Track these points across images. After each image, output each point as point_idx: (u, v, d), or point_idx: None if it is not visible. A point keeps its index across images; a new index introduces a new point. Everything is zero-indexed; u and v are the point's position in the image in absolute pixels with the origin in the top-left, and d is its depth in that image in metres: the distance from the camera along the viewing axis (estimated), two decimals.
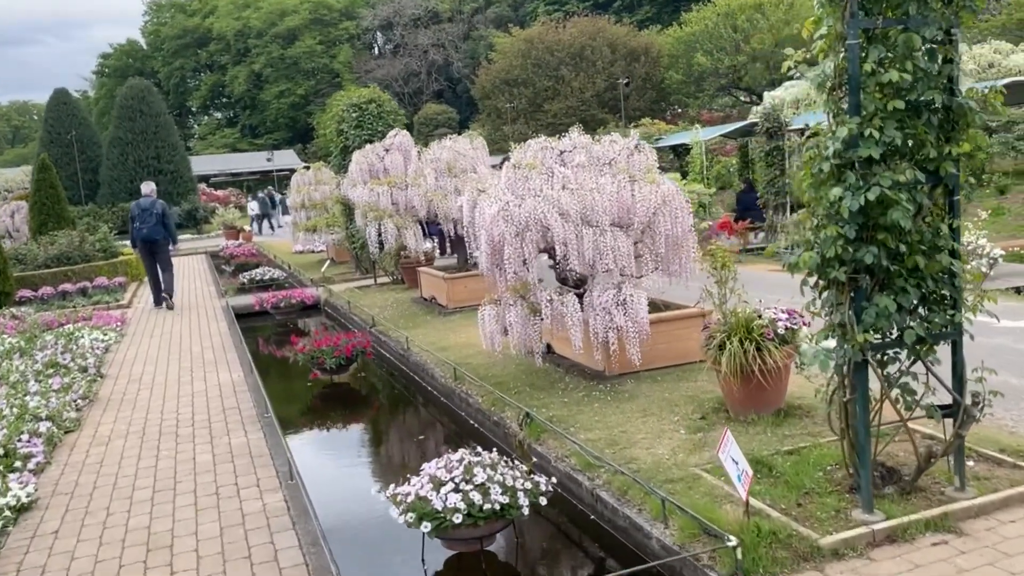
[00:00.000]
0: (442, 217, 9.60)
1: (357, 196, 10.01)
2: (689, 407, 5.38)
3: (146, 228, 12.12)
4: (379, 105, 13.34)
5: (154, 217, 12.14)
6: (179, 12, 79.45)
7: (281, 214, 39.17)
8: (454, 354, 7.93)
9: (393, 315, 10.64)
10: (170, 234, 12.38)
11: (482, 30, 72.32)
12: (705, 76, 40.17)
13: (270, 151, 64.89)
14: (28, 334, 9.85)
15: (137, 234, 12.29)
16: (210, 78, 78.30)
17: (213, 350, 9.36)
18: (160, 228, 12.08)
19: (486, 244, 5.96)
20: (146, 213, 12.16)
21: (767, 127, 14.22)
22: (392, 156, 10.47)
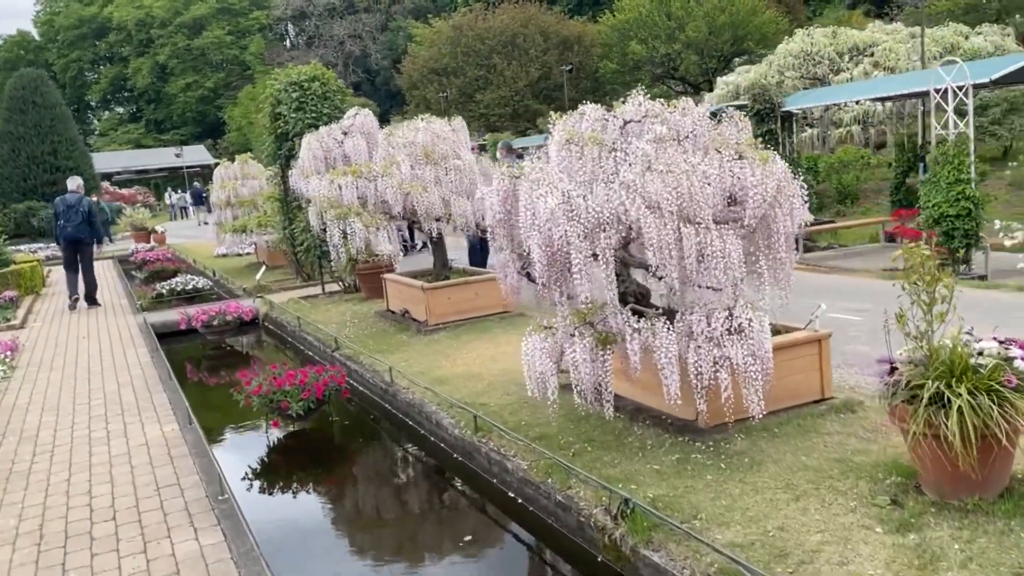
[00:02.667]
0: (422, 213, 7.79)
1: (312, 189, 8.08)
2: (854, 480, 3.78)
3: (71, 227, 11.61)
4: (323, 84, 11.36)
5: (80, 215, 11.62)
6: (74, 1, 74.26)
7: (206, 211, 36.68)
8: (458, 390, 6.16)
9: (358, 334, 8.75)
10: (96, 233, 11.95)
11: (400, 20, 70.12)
12: (640, 65, 39.10)
13: (179, 147, 61.03)
14: None
15: (61, 232, 11.78)
16: (110, 71, 73.54)
17: (134, 389, 7.31)
18: (85, 227, 11.60)
19: (541, 250, 4.22)
20: (71, 211, 11.60)
21: (757, 109, 12.86)
22: (353, 140, 8.58)
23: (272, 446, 6.52)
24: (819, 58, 20.80)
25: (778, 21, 38.42)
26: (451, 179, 8.00)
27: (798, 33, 23.09)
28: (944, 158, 9.50)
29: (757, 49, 37.19)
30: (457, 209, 7.81)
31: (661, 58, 38.36)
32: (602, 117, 4.70)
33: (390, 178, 7.78)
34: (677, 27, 37.43)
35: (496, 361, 6.88)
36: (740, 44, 37.32)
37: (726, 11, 36.85)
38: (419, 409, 6.11)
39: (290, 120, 11.27)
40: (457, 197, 7.90)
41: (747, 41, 37.14)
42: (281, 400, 6.06)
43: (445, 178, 8.00)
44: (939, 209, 9.43)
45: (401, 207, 7.84)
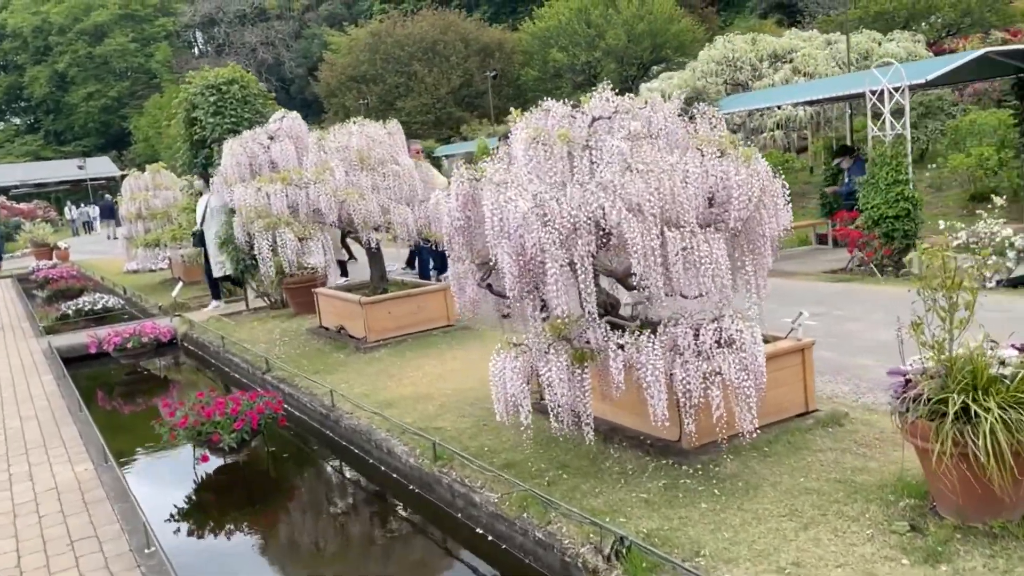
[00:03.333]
0: (359, 223, 7.25)
1: (237, 198, 7.45)
2: (863, 504, 3.47)
3: None
4: (243, 87, 10.66)
5: None
6: None
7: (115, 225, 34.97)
8: (408, 413, 5.67)
9: (290, 354, 8.13)
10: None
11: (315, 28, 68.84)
12: (562, 72, 39.17)
13: (81, 158, 58.19)
14: None
15: None
16: (4, 79, 69.65)
17: (39, 423, 6.54)
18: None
19: (511, 259, 3.80)
20: None
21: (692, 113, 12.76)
22: (281, 145, 7.96)
23: (202, 483, 5.87)
24: (740, 64, 21.05)
25: (694, 29, 39.10)
26: (389, 186, 7.51)
27: (719, 40, 23.37)
28: (882, 159, 9.52)
29: (675, 57, 37.77)
30: (397, 217, 7.32)
31: (582, 66, 38.51)
32: (568, 114, 4.31)
33: (323, 185, 7.23)
34: (597, 35, 37.64)
35: (445, 380, 6.42)
36: (659, 52, 37.78)
37: (644, 19, 37.26)
38: (367, 436, 5.59)
39: (207, 125, 10.53)
40: (397, 205, 7.41)
41: (665, 49, 37.63)
42: (211, 433, 5.44)
43: (383, 184, 7.50)
44: (879, 210, 9.43)
45: (336, 216, 7.30)
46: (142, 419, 7.64)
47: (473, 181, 4.31)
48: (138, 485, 5.42)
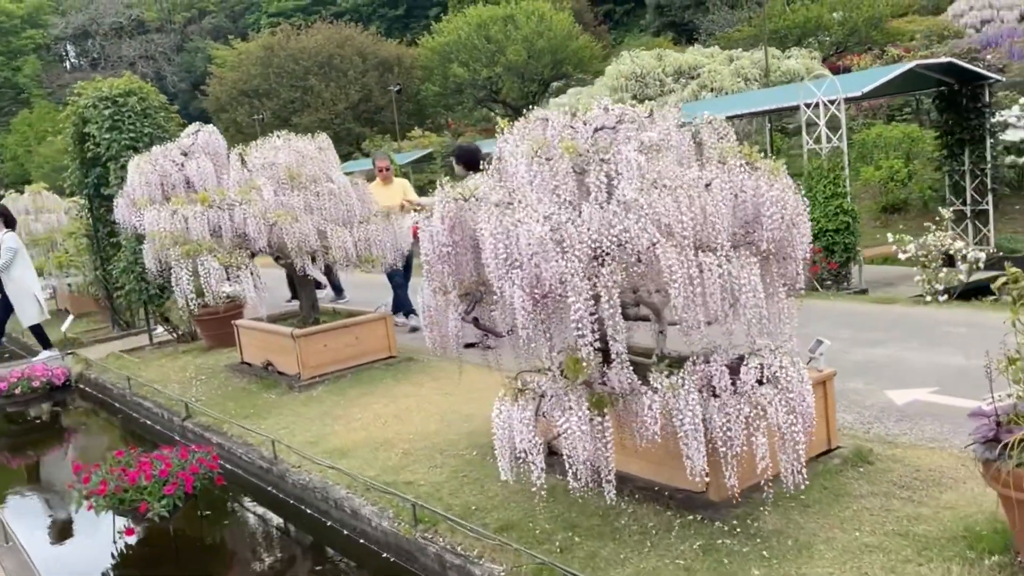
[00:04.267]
0: (293, 248, 6.50)
1: (149, 223, 6.56)
2: (940, 562, 3.06)
3: None
4: (142, 99, 9.65)
5: None
6: None
7: None
8: (369, 464, 5.00)
9: (212, 395, 7.25)
10: None
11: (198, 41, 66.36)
12: (463, 88, 38.76)
13: None
14: None
15: None
16: None
17: None
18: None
19: (524, 292, 3.23)
20: None
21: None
22: (197, 162, 7.10)
23: (125, 559, 4.99)
24: (648, 79, 21.18)
25: (592, 46, 39.53)
26: (324, 206, 6.79)
27: (625, 55, 23.54)
28: (819, 172, 9.46)
29: (575, 73, 38.02)
30: (336, 241, 6.61)
31: (483, 81, 38.22)
32: (567, 124, 3.78)
33: (250, 206, 6.45)
34: (497, 50, 37.46)
35: (402, 422, 5.76)
36: (559, 68, 37.92)
37: (544, 36, 37.36)
38: (322, 494, 4.86)
39: (102, 142, 9.48)
40: (334, 227, 6.70)
41: (566, 65, 37.82)
42: (137, 501, 4.60)
43: (317, 204, 6.78)
44: (818, 224, 9.35)
45: (266, 241, 6.52)
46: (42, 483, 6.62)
47: (460, 200, 3.72)
48: (47, 571, 4.52)
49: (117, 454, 5.04)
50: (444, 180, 3.91)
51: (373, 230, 6.88)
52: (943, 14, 31.50)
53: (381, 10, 57.63)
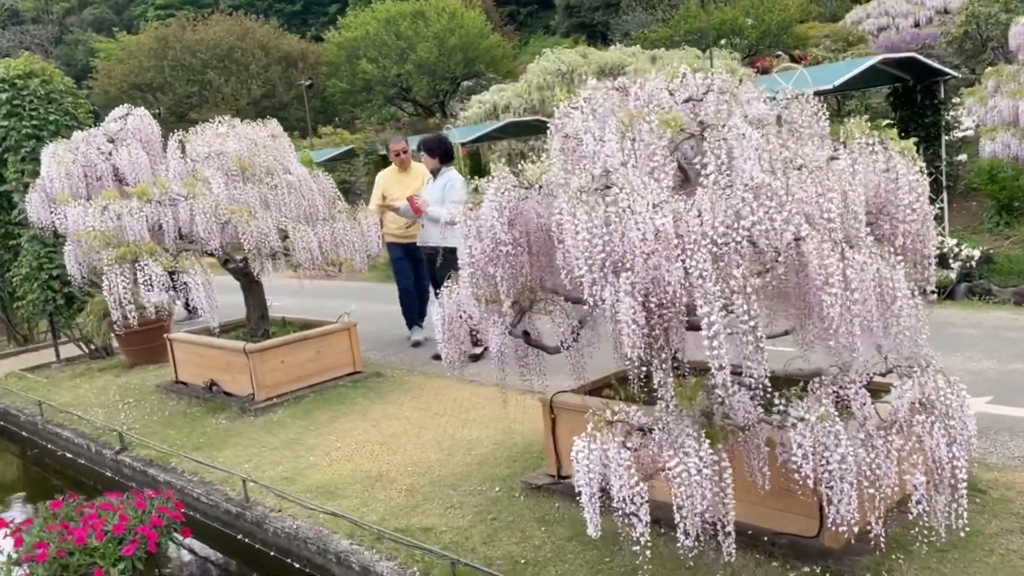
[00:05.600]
0: (251, 248, 5.59)
1: (73, 221, 5.51)
2: None
3: None
4: (46, 81, 8.40)
5: None
6: None
7: None
8: (368, 505, 4.21)
9: (146, 422, 6.22)
10: None
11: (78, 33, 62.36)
12: (372, 85, 37.53)
13: None
14: None
15: None
16: None
17: None
18: None
19: (634, 301, 2.55)
20: None
21: None
22: (128, 150, 6.03)
23: None
24: (576, 76, 20.77)
25: (504, 45, 39.06)
26: (283, 201, 5.90)
27: (548, 52, 23.08)
28: None
29: (488, 72, 37.42)
30: (299, 241, 5.73)
31: (393, 79, 37.11)
32: (656, 91, 3.12)
33: (198, 201, 5.50)
34: (408, 47, 36.45)
35: (393, 451, 4.96)
36: (471, 67, 37.23)
37: (455, 33, 36.60)
38: (317, 545, 4.02)
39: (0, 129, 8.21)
40: (296, 224, 5.81)
41: (478, 64, 37.16)
42: (87, 567, 3.66)
43: (275, 199, 5.89)
44: None
45: (219, 241, 5.58)
46: None
47: (523, 188, 3.01)
48: None
49: (52, 504, 4.06)
50: (497, 164, 3.18)
51: (340, 229, 6.03)
52: (840, 21, 32.56)
53: (278, 4, 55.52)
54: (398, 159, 7.51)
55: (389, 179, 7.57)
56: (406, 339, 7.68)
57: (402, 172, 7.54)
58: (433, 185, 6.89)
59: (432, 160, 6.79)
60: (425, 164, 6.96)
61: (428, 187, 6.93)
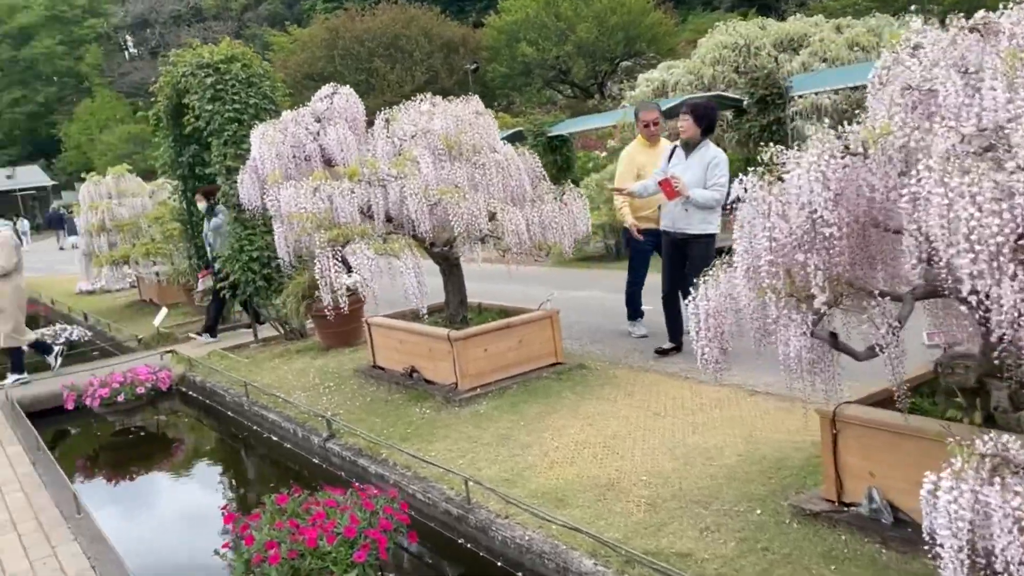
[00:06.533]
0: (460, 230, 5.29)
1: (285, 202, 5.40)
2: None
3: None
4: (246, 66, 8.55)
5: None
6: None
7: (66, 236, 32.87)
8: (602, 517, 3.77)
9: (349, 408, 6.10)
10: None
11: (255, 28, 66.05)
12: (531, 68, 37.39)
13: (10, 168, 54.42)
14: None
15: None
16: None
17: (20, 540, 4.41)
18: None
19: None
20: None
21: (761, 94, 11.12)
22: (336, 130, 5.92)
23: None
24: (756, 49, 19.56)
25: (666, 22, 37.78)
26: (491, 180, 5.56)
27: (720, 26, 21.92)
28: None
29: (648, 51, 36.36)
30: (509, 223, 5.37)
31: (552, 61, 36.80)
32: None
33: (410, 181, 5.25)
34: (567, 28, 35.98)
35: (618, 454, 4.50)
36: (632, 46, 36.29)
37: (617, 12, 35.74)
38: (556, 562, 3.61)
39: (203, 114, 8.40)
40: (504, 205, 5.46)
41: (639, 42, 36.16)
42: (321, 574, 3.43)
43: (482, 179, 5.55)
44: None
45: (428, 223, 5.31)
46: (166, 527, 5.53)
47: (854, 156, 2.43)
48: None
49: (279, 499, 3.88)
50: None
51: (548, 211, 5.63)
52: None
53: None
54: (647, 131, 6.69)
55: (639, 154, 6.73)
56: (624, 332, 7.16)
57: (652, 147, 6.72)
58: (687, 162, 5.84)
59: (693, 128, 5.79)
60: (684, 131, 5.90)
61: (678, 163, 5.92)
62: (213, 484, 6.23)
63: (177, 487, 6.19)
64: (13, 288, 8.13)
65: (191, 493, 6.04)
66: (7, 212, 46.63)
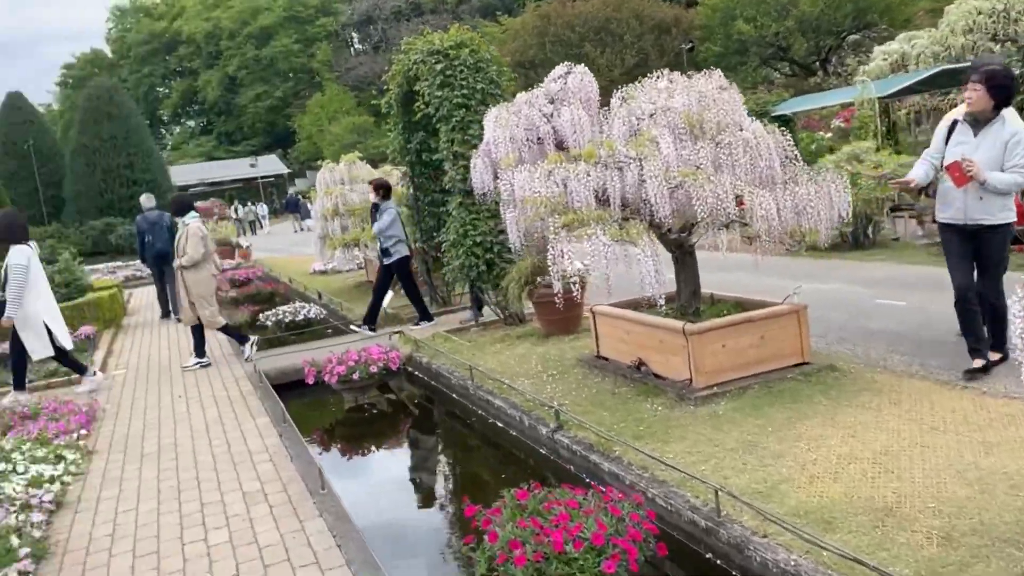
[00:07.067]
0: (704, 215, 4.89)
1: (519, 186, 5.26)
2: None
3: (159, 243, 11.94)
4: (474, 51, 8.59)
5: (166, 231, 11.87)
6: (145, 16, 74.36)
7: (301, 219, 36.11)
8: (883, 548, 3.27)
9: (575, 399, 5.89)
10: None
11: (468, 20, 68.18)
12: (747, 47, 35.62)
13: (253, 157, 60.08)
14: None
15: (150, 251, 12.17)
16: (181, 84, 73.35)
17: (271, 511, 4.59)
18: (171, 242, 10.33)
19: None
20: (156, 227, 12.05)
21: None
22: (570, 112, 5.72)
23: None
24: (1018, 15, 17.26)
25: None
26: (738, 161, 5.10)
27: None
28: None
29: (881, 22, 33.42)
30: (759, 208, 4.89)
31: (771, 38, 34.81)
32: None
33: (649, 162, 4.91)
34: (789, 2, 33.84)
35: (893, 474, 3.93)
36: (862, 17, 33.51)
37: None
38: None
39: (432, 100, 8.53)
40: (752, 188, 4.99)
41: (871, 13, 33.29)
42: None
43: (727, 159, 5.11)
44: None
45: (668, 207, 4.95)
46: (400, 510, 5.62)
47: None
48: None
49: (520, 495, 3.72)
50: None
51: (802, 194, 5.07)
52: None
53: None
54: None
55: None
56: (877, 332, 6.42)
57: None
58: (975, 140, 5.04)
59: (986, 100, 4.90)
60: (972, 103, 4.98)
61: (963, 142, 5.10)
62: (443, 468, 6.28)
63: (408, 469, 6.30)
64: (205, 277, 8.67)
65: (422, 476, 6.11)
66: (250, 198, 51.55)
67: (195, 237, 8.57)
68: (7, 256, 7.60)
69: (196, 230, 8.63)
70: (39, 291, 7.68)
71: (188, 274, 8.56)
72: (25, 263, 7.47)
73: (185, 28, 70.25)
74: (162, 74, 75.14)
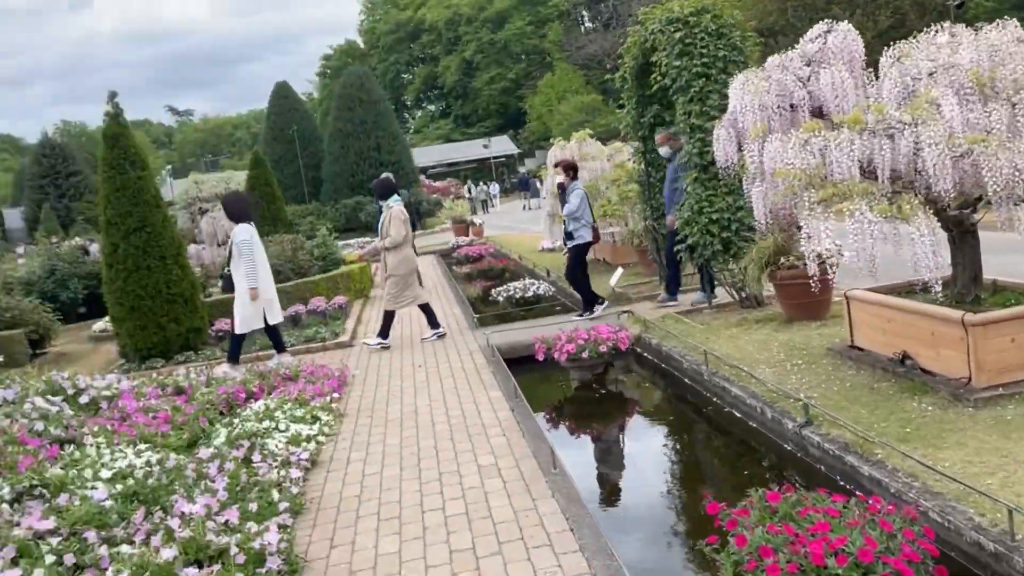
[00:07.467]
0: (996, 188, 4.20)
1: (769, 157, 4.83)
2: None
3: None
4: (716, 16, 8.10)
5: None
6: (392, 7, 79.34)
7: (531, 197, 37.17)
8: None
9: (824, 392, 5.37)
10: None
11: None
12: None
13: (486, 139, 62.38)
14: (180, 435, 5.64)
15: None
16: (423, 70, 77.63)
17: (506, 487, 4.60)
18: None
19: None
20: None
21: None
22: (830, 74, 5.16)
23: None
24: None
25: None
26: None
27: None
28: None
29: None
30: None
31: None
32: None
33: (927, 128, 4.29)
34: None
35: None
36: None
37: None
38: None
39: (670, 71, 8.17)
40: None
41: None
42: None
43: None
44: None
45: (950, 179, 4.31)
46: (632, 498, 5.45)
47: None
48: None
49: (770, 497, 3.39)
50: None
51: None
52: None
53: None
54: None
55: None
56: None
57: None
58: None
59: None
60: None
61: None
62: (674, 457, 6.01)
63: (639, 454, 6.09)
64: (403, 258, 8.78)
65: (652, 463, 5.87)
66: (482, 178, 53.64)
67: (398, 220, 8.88)
68: (232, 234, 8.43)
69: (399, 212, 8.96)
70: (257, 265, 8.36)
71: (390, 255, 8.92)
72: (248, 238, 8.22)
73: (428, 16, 74.10)
74: (406, 61, 79.96)
